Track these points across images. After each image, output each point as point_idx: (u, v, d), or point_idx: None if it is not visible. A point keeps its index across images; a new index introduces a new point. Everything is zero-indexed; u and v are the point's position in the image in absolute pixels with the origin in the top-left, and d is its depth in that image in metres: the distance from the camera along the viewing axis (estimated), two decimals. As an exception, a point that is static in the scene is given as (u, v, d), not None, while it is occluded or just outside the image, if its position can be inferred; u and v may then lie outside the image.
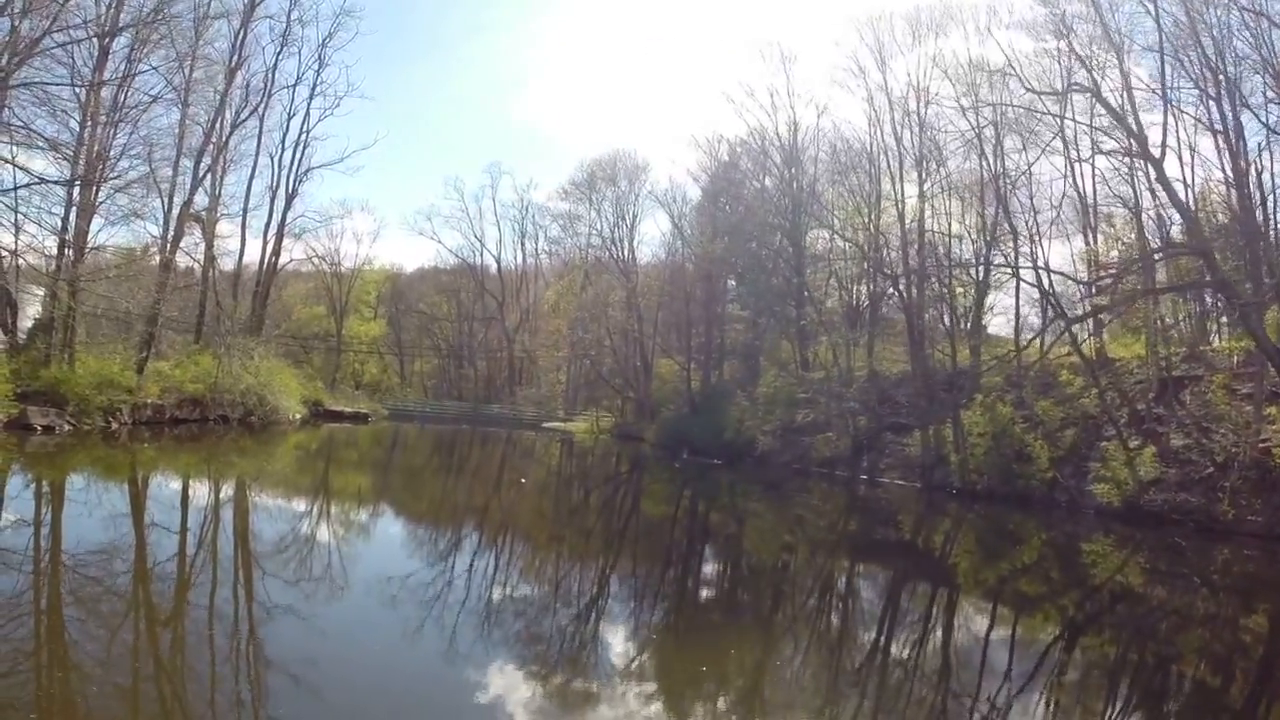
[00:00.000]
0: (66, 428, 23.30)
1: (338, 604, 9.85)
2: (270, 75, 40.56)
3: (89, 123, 25.53)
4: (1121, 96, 25.85)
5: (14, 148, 21.27)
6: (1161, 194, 25.54)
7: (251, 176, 43.24)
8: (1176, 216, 30.94)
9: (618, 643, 9.27)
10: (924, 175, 37.73)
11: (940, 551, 19.01)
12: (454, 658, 8.01)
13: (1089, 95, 27.45)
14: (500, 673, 7.64)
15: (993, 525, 22.93)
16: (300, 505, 18.13)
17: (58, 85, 21.45)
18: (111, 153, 25.63)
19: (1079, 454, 26.34)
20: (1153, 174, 24.75)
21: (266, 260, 45.39)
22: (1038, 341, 33.04)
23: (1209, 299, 31.76)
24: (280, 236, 44.98)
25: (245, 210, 43.10)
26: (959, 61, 35.12)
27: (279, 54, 41.38)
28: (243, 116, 37.68)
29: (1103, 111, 29.09)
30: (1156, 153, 24.21)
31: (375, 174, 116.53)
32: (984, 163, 34.22)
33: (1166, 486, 22.85)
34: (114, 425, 25.57)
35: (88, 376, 24.97)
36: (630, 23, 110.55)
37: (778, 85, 44.07)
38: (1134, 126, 24.58)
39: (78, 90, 26.40)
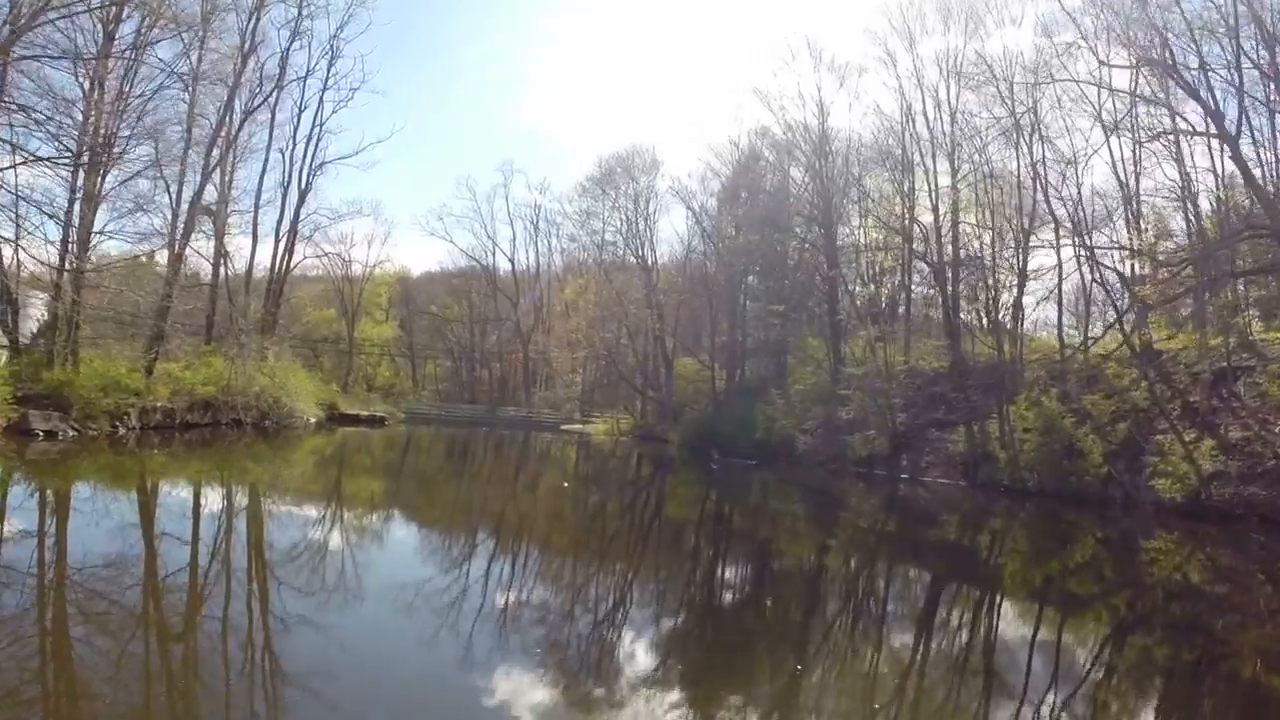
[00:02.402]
0: (70, 433, 21.95)
1: (356, 615, 9.28)
2: (283, 60, 39.18)
3: (93, 111, 24.33)
4: (1178, 77, 24.61)
5: (14, 130, 19.96)
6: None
7: (263, 172, 42.21)
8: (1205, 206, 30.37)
9: (649, 655, 8.68)
10: (957, 164, 36.50)
11: (997, 553, 17.79)
12: (477, 671, 7.58)
13: (1134, 74, 26.54)
14: (527, 688, 7.24)
15: (1046, 524, 21.84)
16: (318, 514, 16.90)
17: (59, 59, 20.00)
18: (117, 140, 24.22)
19: (1132, 448, 25.26)
20: (1226, 152, 23.61)
21: (280, 258, 44.02)
22: (1096, 333, 32.23)
23: (1242, 288, 30.62)
24: (294, 233, 43.68)
25: (257, 206, 41.79)
26: (993, 47, 34.09)
27: (289, 45, 40.14)
28: (255, 104, 36.39)
29: (1147, 93, 28.38)
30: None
31: (383, 176, 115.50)
32: (1020, 151, 33.02)
33: (1228, 480, 22.02)
34: (121, 430, 24.25)
35: (93, 378, 23.58)
36: (642, 17, 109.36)
37: (804, 74, 42.67)
38: (1211, 104, 23.26)
39: (81, 80, 25.48)
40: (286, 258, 44.34)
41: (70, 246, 24.32)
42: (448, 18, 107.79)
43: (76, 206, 24.62)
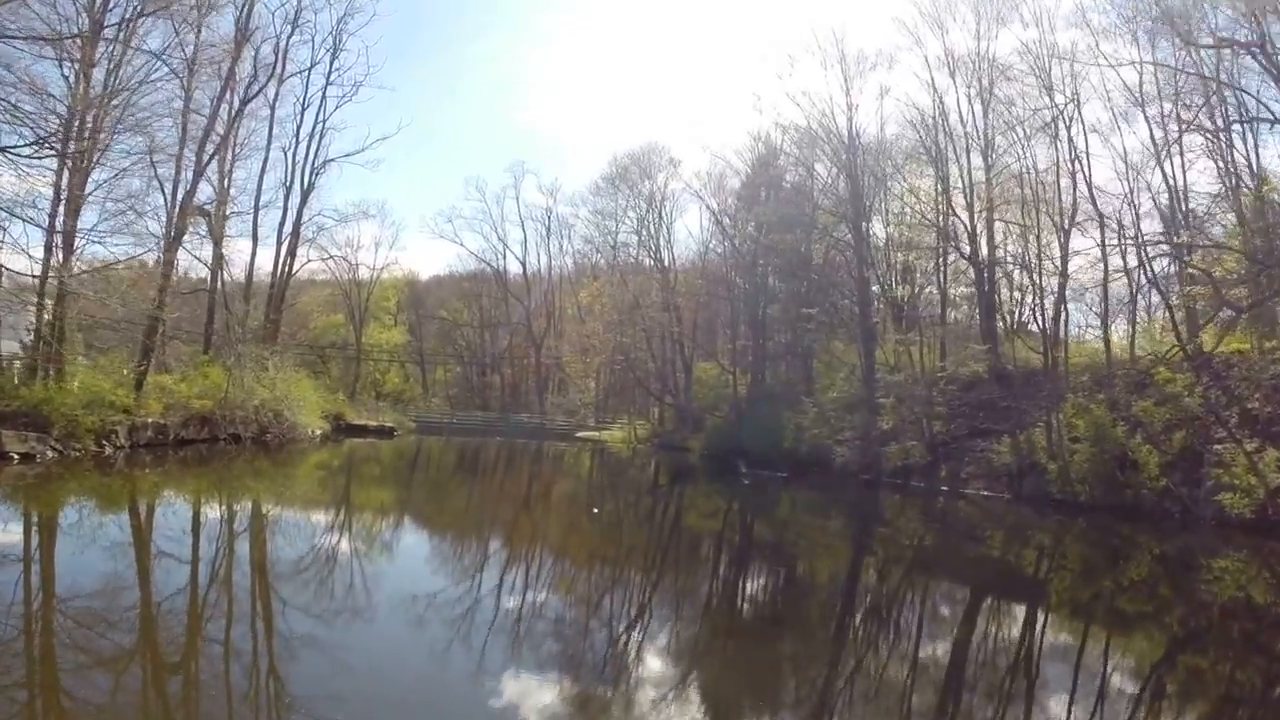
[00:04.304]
0: (49, 454, 20.20)
1: (364, 637, 8.82)
2: (280, 49, 37.33)
3: (78, 106, 22.67)
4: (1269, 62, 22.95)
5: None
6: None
7: (263, 170, 40.36)
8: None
9: (676, 684, 8.10)
10: (992, 159, 34.75)
11: (1046, 571, 16.70)
12: (492, 698, 7.29)
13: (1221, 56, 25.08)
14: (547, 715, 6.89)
15: (1100, 539, 20.77)
16: (324, 539, 15.67)
17: (38, 40, 18.30)
18: (101, 130, 22.55)
19: (1189, 459, 23.57)
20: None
21: (281, 261, 42.26)
22: (1141, 335, 30.70)
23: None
24: (296, 235, 41.86)
25: (257, 206, 39.95)
26: (1030, 36, 32.23)
27: (289, 36, 38.50)
28: (252, 93, 34.44)
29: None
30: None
31: (389, 178, 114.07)
32: (1059, 145, 31.21)
33: (1295, 493, 20.57)
34: (107, 449, 22.56)
35: (75, 394, 21.88)
36: (646, 14, 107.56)
37: (830, 65, 40.41)
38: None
39: (66, 73, 23.98)
40: (289, 261, 42.75)
41: (55, 251, 22.79)
42: (450, 17, 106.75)
43: (62, 210, 23.08)
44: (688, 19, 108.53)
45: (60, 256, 22.65)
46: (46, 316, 22.22)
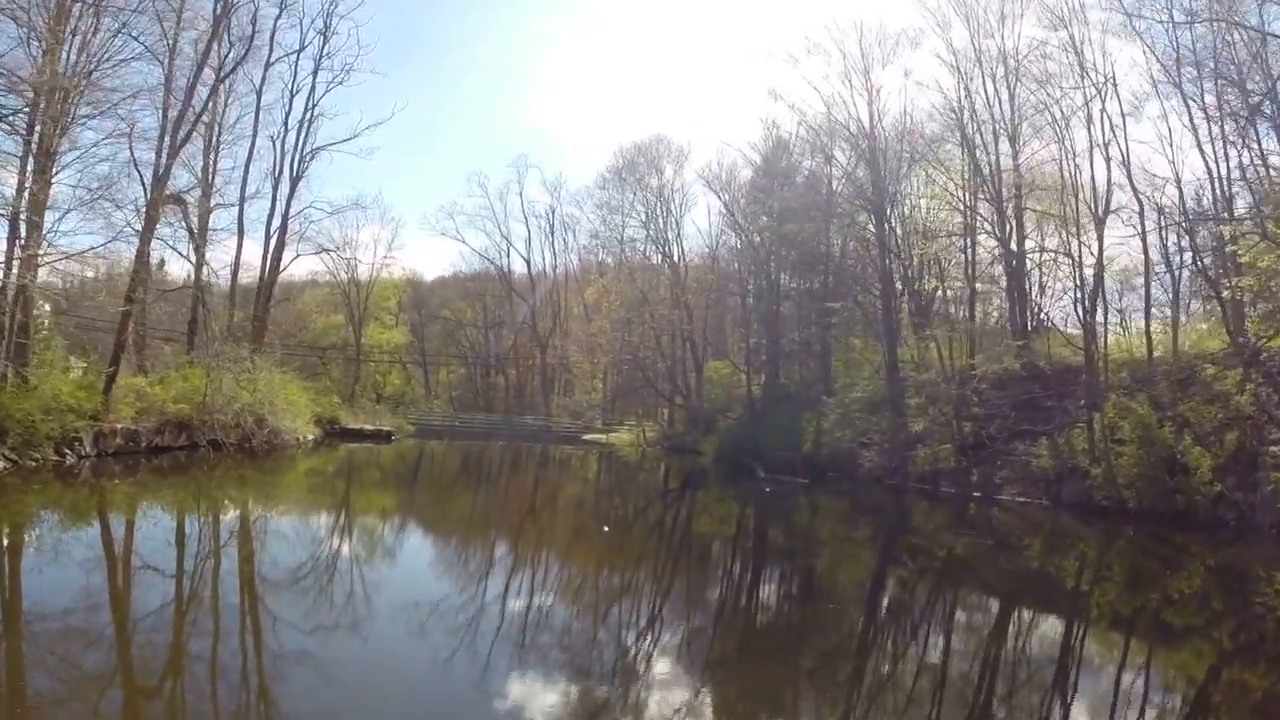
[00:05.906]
0: (2, 464, 18.49)
1: (355, 657, 8.37)
2: (257, 20, 34.81)
3: (47, 93, 21.01)
4: None
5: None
6: None
7: (249, 159, 38.24)
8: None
9: (698, 704, 7.79)
10: (1021, 145, 32.95)
11: (1096, 588, 15.35)
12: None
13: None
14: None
15: (1149, 549, 19.70)
16: (312, 558, 14.24)
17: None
18: (72, 113, 20.92)
19: (1243, 462, 21.88)
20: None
21: (269, 255, 40.28)
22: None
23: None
24: (284, 227, 39.88)
25: (243, 197, 37.95)
26: (1061, 13, 30.37)
27: (277, 19, 36.71)
28: (230, 67, 32.16)
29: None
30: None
31: (390, 183, 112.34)
32: (1093, 129, 29.35)
33: (1360, 499, 19.22)
34: (69, 458, 20.90)
35: (38, 400, 20.16)
36: (655, 12, 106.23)
37: (849, 49, 38.51)
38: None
39: (34, 53, 22.37)
40: (277, 255, 40.83)
41: (17, 244, 21.13)
42: (453, 18, 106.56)
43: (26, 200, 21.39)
44: (692, 17, 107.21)
45: (22, 250, 21.00)
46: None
